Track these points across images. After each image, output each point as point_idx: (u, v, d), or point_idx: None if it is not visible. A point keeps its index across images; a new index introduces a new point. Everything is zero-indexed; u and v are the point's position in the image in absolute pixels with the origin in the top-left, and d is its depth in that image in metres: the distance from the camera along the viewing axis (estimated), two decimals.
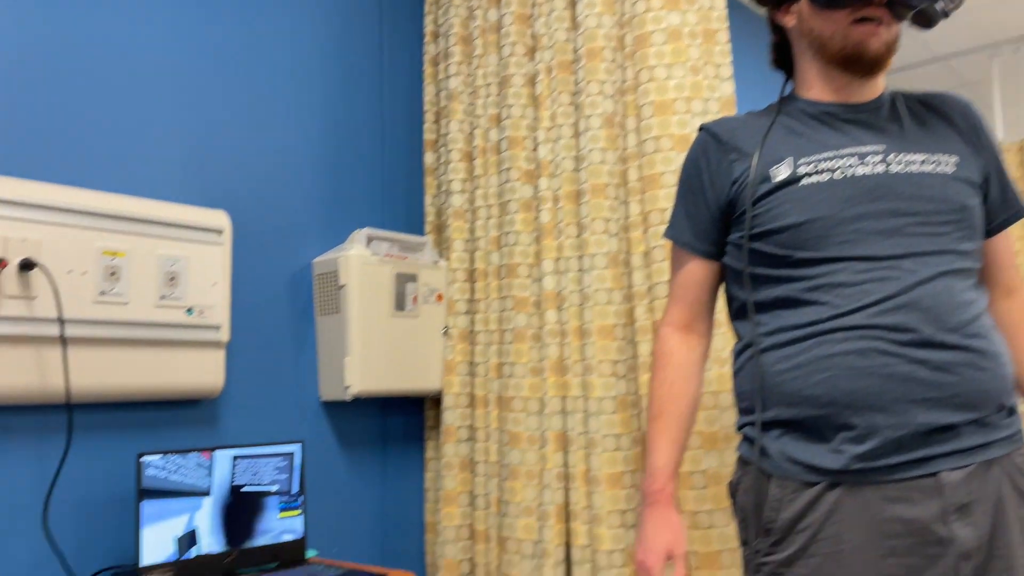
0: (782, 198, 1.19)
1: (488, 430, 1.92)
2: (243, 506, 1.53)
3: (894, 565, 1.08)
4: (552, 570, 1.70)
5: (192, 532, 1.45)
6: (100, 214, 1.48)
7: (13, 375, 1.35)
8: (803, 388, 1.13)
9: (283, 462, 1.61)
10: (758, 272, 1.21)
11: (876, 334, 1.11)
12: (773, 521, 1.15)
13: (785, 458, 1.15)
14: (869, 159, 1.18)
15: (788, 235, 1.17)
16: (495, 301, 1.95)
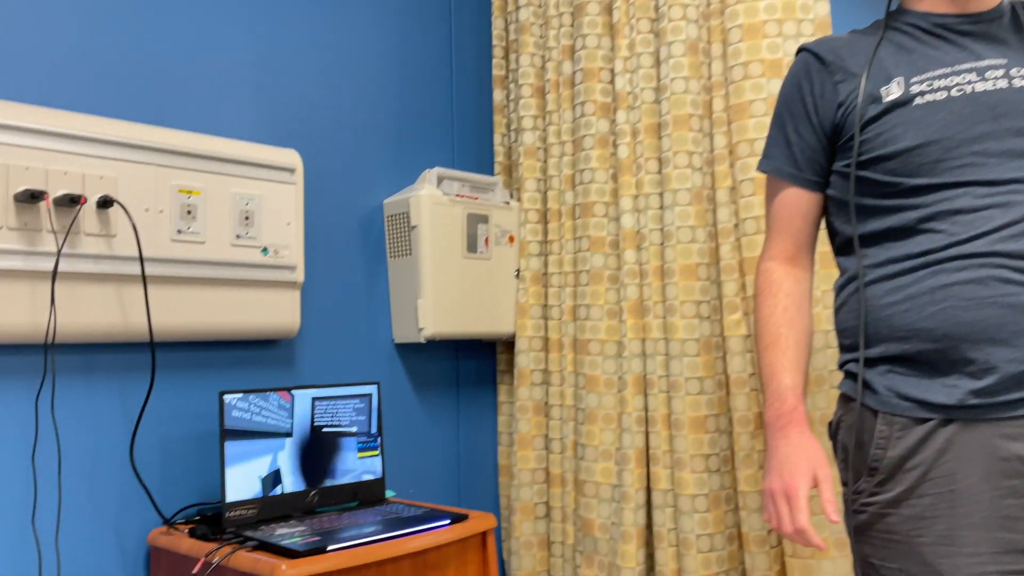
0: (893, 120, 1.10)
1: (563, 374, 1.87)
2: (323, 446, 1.52)
3: (1014, 506, 1.01)
4: (632, 514, 1.67)
5: (275, 472, 1.45)
6: (175, 152, 1.46)
7: (97, 313, 1.35)
8: (915, 321, 1.06)
9: (361, 403, 1.59)
10: (866, 203, 1.13)
11: (998, 262, 1.03)
12: (879, 460, 1.09)
13: (894, 394, 1.09)
14: (989, 74, 1.08)
15: (900, 160, 1.09)
16: (569, 242, 1.89)
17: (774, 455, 1.15)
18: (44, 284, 1.29)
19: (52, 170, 1.31)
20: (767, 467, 1.16)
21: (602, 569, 1.73)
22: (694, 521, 1.60)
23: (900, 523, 1.07)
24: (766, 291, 1.22)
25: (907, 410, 1.07)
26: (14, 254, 1.26)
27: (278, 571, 1.17)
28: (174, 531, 1.38)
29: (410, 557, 1.35)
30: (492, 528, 1.47)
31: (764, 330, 1.21)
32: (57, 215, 1.30)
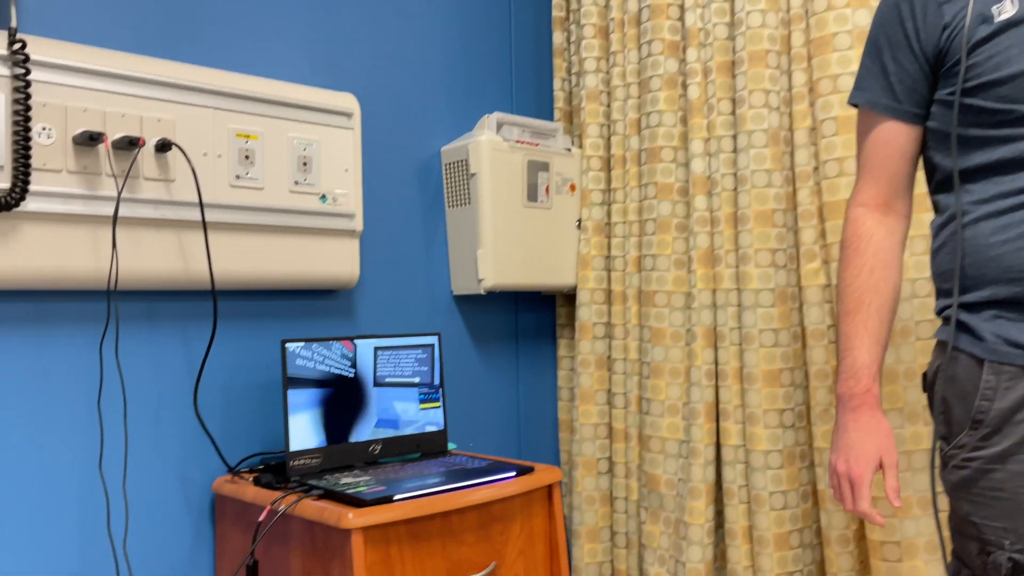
0: (1006, 42, 1.00)
1: (627, 327, 1.81)
2: (385, 397, 1.49)
3: None
4: (701, 470, 1.61)
5: (338, 423, 1.42)
6: (233, 95, 1.42)
7: (158, 260, 1.33)
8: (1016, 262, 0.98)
9: (423, 354, 1.55)
10: (971, 134, 1.04)
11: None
12: (985, 412, 1.01)
13: (1002, 340, 1.00)
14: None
15: (1012, 86, 0.99)
16: (634, 189, 1.81)
17: (843, 435, 1.11)
18: (105, 229, 1.27)
19: (110, 112, 1.28)
20: (835, 443, 1.12)
21: (668, 525, 1.68)
22: (767, 478, 1.54)
23: (1007, 479, 1.00)
24: (853, 246, 1.14)
25: (1017, 358, 0.99)
26: (75, 198, 1.23)
27: (345, 519, 1.15)
28: (239, 479, 1.37)
29: (475, 509, 1.31)
30: (558, 481, 1.43)
31: (847, 294, 1.13)
32: (116, 158, 1.28)
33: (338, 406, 1.43)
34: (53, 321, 1.27)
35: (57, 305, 1.28)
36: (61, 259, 1.23)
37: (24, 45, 1.18)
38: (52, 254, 1.22)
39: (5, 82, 1.18)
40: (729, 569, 1.60)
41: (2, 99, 1.17)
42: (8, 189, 1.17)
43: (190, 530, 1.40)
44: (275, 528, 1.28)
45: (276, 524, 1.27)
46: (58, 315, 1.28)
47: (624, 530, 1.81)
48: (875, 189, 1.14)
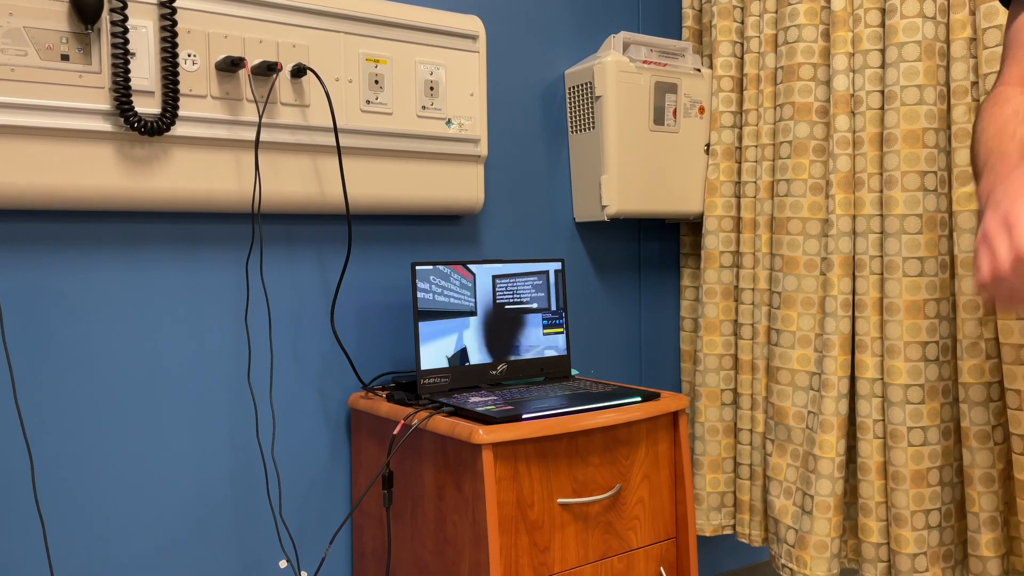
0: None
1: (757, 255, 1.75)
2: (508, 322, 1.51)
3: None
4: (834, 403, 1.56)
5: (463, 350, 1.45)
6: (362, 19, 1.43)
7: (296, 184, 1.37)
8: None
9: (543, 280, 1.56)
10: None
11: None
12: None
13: None
14: None
15: None
16: (769, 111, 1.72)
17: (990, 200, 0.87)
18: (247, 153, 1.32)
19: (248, 38, 1.31)
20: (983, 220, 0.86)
21: (795, 458, 1.64)
22: (905, 413, 1.47)
23: None
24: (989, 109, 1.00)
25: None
26: (219, 123, 1.29)
27: (476, 435, 1.18)
28: (373, 395, 1.43)
29: (601, 431, 1.32)
30: (684, 409, 1.41)
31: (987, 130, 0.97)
32: (255, 84, 1.32)
33: (464, 328, 1.46)
34: (202, 241, 1.35)
35: (206, 227, 1.35)
36: (208, 182, 1.29)
37: None
38: (200, 177, 1.28)
39: (152, 9, 1.23)
40: (861, 504, 1.55)
41: (151, 26, 1.22)
42: (159, 114, 1.23)
43: (328, 441, 1.48)
44: (408, 442, 1.33)
45: (409, 438, 1.33)
46: (207, 236, 1.35)
47: (748, 462, 1.78)
48: (1018, 70, 1.01)
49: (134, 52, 1.21)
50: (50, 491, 1.23)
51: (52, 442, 1.23)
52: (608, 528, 1.33)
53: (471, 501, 1.21)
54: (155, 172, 1.24)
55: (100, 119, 1.19)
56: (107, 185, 1.21)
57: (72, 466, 1.24)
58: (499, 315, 1.50)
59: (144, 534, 1.30)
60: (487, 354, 1.48)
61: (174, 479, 1.32)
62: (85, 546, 1.25)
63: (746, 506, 1.79)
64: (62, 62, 1.16)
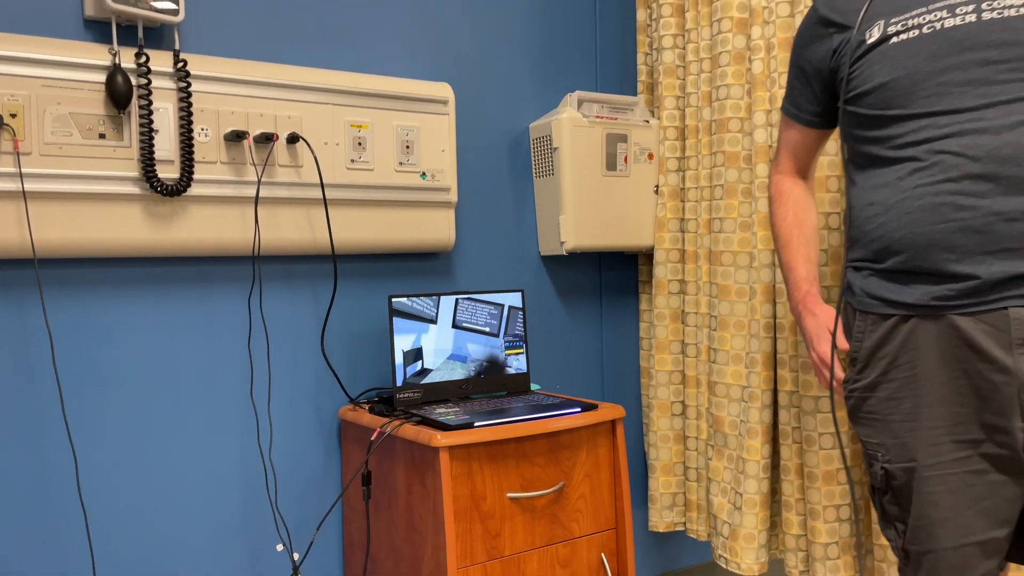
0: (873, 59, 1.23)
1: (699, 283, 1.99)
2: (475, 345, 1.76)
3: (964, 386, 1.18)
4: (758, 412, 1.79)
5: (435, 369, 1.71)
6: (347, 91, 1.70)
7: (291, 231, 1.64)
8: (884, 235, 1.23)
9: (503, 307, 1.81)
10: (854, 133, 1.29)
11: (953, 188, 1.15)
12: (857, 351, 1.29)
13: (866, 294, 1.27)
14: (959, 9, 1.16)
15: (877, 95, 1.22)
16: (706, 157, 1.97)
17: (805, 331, 1.40)
18: (250, 208, 1.60)
19: (251, 113, 1.59)
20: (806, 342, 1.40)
21: (731, 461, 1.88)
22: (817, 420, 1.70)
23: (876, 404, 1.27)
24: (778, 199, 1.47)
25: (876, 307, 1.26)
26: (226, 183, 1.57)
27: (435, 439, 1.44)
28: (358, 408, 1.69)
29: (545, 437, 1.57)
30: (620, 417, 1.65)
31: (779, 233, 1.45)
32: (256, 151, 1.59)
33: (436, 350, 1.71)
34: (213, 280, 1.62)
35: (216, 268, 1.63)
36: (218, 232, 1.57)
37: (185, 64, 1.51)
38: (211, 228, 1.56)
39: (172, 94, 1.51)
40: (783, 501, 1.78)
41: (171, 108, 1.51)
42: (178, 179, 1.51)
43: (322, 447, 1.74)
44: (384, 446, 1.59)
45: (384, 443, 1.58)
46: (216, 276, 1.63)
47: (695, 465, 2.02)
48: (788, 165, 1.48)
49: (157, 129, 1.49)
50: (91, 486, 1.50)
51: (93, 446, 1.50)
52: (553, 519, 1.58)
53: (432, 494, 1.46)
54: (175, 225, 1.53)
55: (130, 184, 1.47)
56: (136, 237, 1.49)
57: (108, 466, 1.52)
58: (467, 337, 1.76)
59: (166, 521, 1.57)
60: (458, 371, 1.74)
61: (191, 477, 1.59)
62: (119, 532, 1.52)
63: (694, 505, 2.02)
64: (99, 140, 1.45)
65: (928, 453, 1.22)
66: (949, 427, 1.20)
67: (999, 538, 1.21)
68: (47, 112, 1.40)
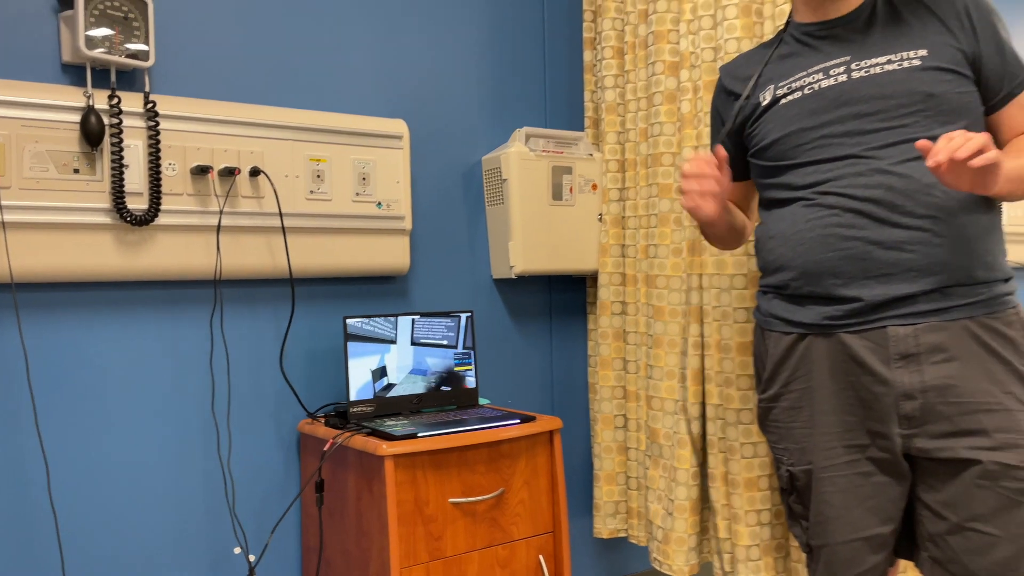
0: (767, 119, 1.41)
1: (638, 304, 2.14)
2: (426, 361, 1.90)
3: (851, 396, 1.34)
4: (687, 424, 1.93)
5: (388, 385, 1.84)
6: (307, 128, 1.85)
7: (252, 257, 1.78)
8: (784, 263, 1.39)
9: (452, 327, 1.95)
10: (760, 180, 1.48)
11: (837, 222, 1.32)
12: (763, 367, 1.46)
13: (770, 315, 1.45)
14: (832, 71, 1.34)
15: (773, 149, 1.40)
16: (643, 188, 2.13)
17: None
18: (212, 236, 1.73)
19: (216, 149, 1.73)
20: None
21: (665, 470, 2.02)
22: (738, 431, 1.85)
23: (780, 413, 1.43)
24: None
25: (779, 327, 1.43)
26: (192, 213, 1.70)
27: (380, 449, 1.57)
28: (315, 422, 1.82)
29: (486, 446, 1.70)
30: (557, 429, 1.79)
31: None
32: (220, 183, 1.73)
33: (388, 368, 1.85)
34: (178, 303, 1.76)
35: (182, 291, 1.76)
36: (183, 259, 1.70)
37: (154, 104, 1.65)
38: (177, 255, 1.69)
39: (142, 132, 1.65)
40: (711, 506, 1.92)
41: (141, 144, 1.65)
42: (146, 210, 1.65)
43: (282, 458, 1.87)
44: (336, 455, 1.72)
45: (337, 452, 1.71)
46: (182, 299, 1.76)
47: (635, 475, 2.15)
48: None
49: (128, 164, 1.63)
50: (61, 493, 1.62)
51: (64, 456, 1.62)
52: (493, 523, 1.71)
53: (378, 500, 1.59)
54: (143, 252, 1.66)
55: (102, 215, 1.61)
56: (106, 263, 1.62)
57: (78, 475, 1.64)
58: (418, 355, 1.89)
59: (131, 526, 1.69)
60: (408, 387, 1.87)
61: (156, 485, 1.71)
62: (87, 534, 1.64)
63: (635, 512, 2.16)
64: (74, 174, 1.58)
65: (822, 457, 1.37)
66: (839, 433, 1.35)
67: (884, 534, 1.36)
68: (26, 150, 1.54)
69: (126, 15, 1.62)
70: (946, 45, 1.29)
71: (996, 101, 1.32)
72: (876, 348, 1.29)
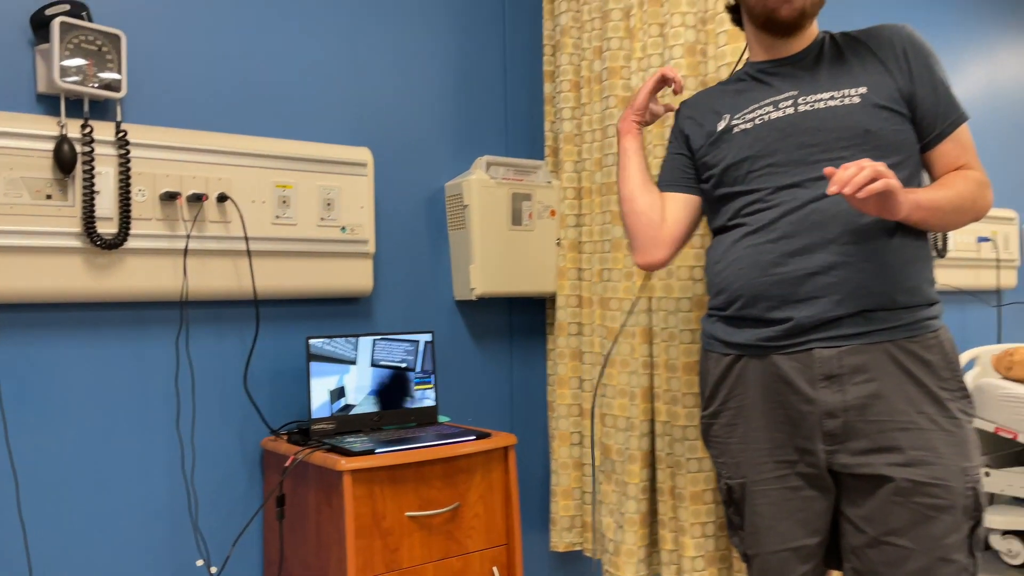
0: (719, 146, 1.51)
1: (593, 326, 2.24)
2: (387, 380, 1.98)
3: (781, 415, 1.43)
4: (637, 440, 2.02)
5: (349, 404, 1.92)
6: (274, 156, 1.93)
7: (218, 279, 1.85)
8: (725, 286, 1.48)
9: (413, 347, 2.03)
10: (710, 207, 1.58)
11: (771, 248, 1.41)
12: (705, 385, 1.55)
13: (711, 337, 1.54)
14: (782, 104, 1.44)
15: (723, 175, 1.50)
16: (598, 215, 2.23)
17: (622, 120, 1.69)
18: (180, 259, 1.80)
19: (184, 175, 1.81)
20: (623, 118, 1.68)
21: (617, 485, 2.10)
22: (684, 447, 1.94)
23: (719, 430, 1.52)
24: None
25: (718, 348, 1.52)
26: (160, 237, 1.77)
27: (339, 464, 1.64)
28: (278, 439, 1.89)
29: (442, 462, 1.78)
30: (512, 445, 1.87)
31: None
32: (188, 208, 1.81)
33: (347, 388, 1.92)
34: (146, 324, 1.82)
35: (150, 312, 1.83)
36: (152, 281, 1.77)
37: (125, 134, 1.72)
38: (145, 278, 1.76)
39: (113, 159, 1.72)
40: (659, 520, 2.01)
41: (112, 172, 1.72)
42: (116, 234, 1.72)
43: (246, 474, 1.93)
44: (297, 471, 1.79)
45: (298, 468, 1.78)
46: (151, 319, 1.83)
47: (590, 490, 2.24)
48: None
49: (99, 190, 1.70)
50: (30, 507, 1.67)
51: (33, 471, 1.68)
52: (449, 535, 1.78)
53: (337, 513, 1.66)
54: (112, 275, 1.73)
55: (73, 239, 1.68)
56: (77, 285, 1.69)
57: (47, 489, 1.69)
58: (380, 374, 1.97)
59: (98, 539, 1.74)
60: (369, 405, 1.95)
61: (122, 499, 1.77)
62: (55, 547, 1.69)
63: (589, 526, 2.24)
64: (47, 200, 1.65)
65: (755, 471, 1.46)
66: (770, 449, 1.45)
67: (811, 545, 1.45)
68: (1, 177, 1.60)
69: (100, 48, 1.69)
70: (885, 84, 1.40)
71: (930, 139, 1.42)
72: (803, 369, 1.39)
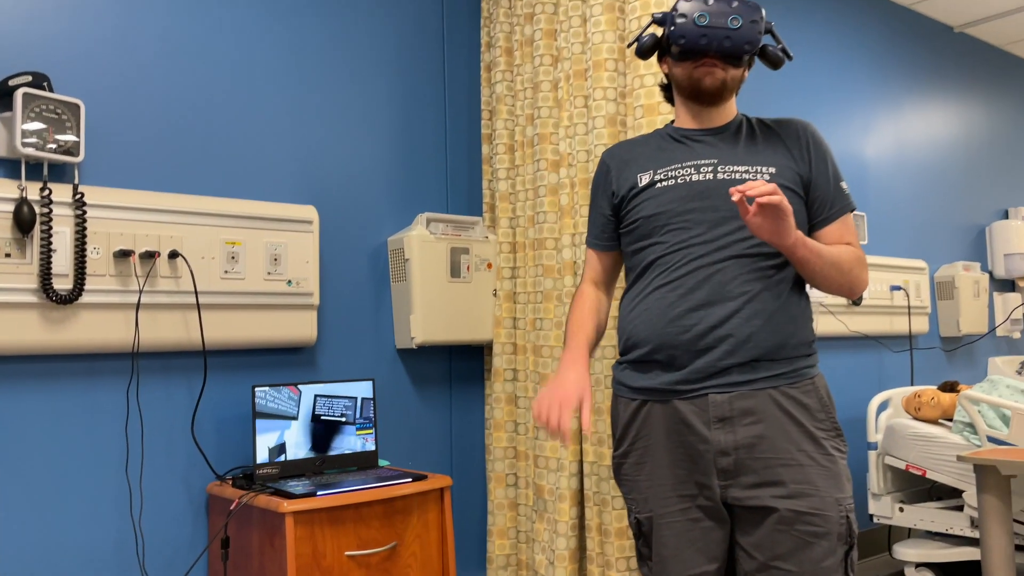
0: (642, 197, 1.65)
1: (527, 372, 2.38)
2: (328, 426, 2.09)
3: (682, 453, 1.57)
4: (567, 480, 2.16)
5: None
6: (223, 215, 2.05)
7: (168, 331, 1.96)
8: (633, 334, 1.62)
9: (354, 394, 2.15)
10: (628, 255, 1.70)
11: (671, 300, 1.56)
12: (616, 427, 1.67)
13: (620, 383, 1.67)
14: (703, 168, 1.61)
15: (641, 225, 1.63)
16: (531, 268, 2.39)
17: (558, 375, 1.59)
18: (132, 312, 1.91)
19: (138, 234, 1.92)
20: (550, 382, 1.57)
21: (549, 524, 2.23)
22: (610, 485, 2.08)
23: (629, 468, 1.64)
24: (577, 302, 1.74)
25: (627, 393, 1.65)
26: (112, 292, 1.88)
27: (281, 506, 1.74)
28: (224, 483, 1.98)
29: (381, 503, 1.89)
30: (448, 486, 1.99)
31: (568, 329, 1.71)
32: (141, 265, 1.92)
33: (288, 444, 2.03)
34: (98, 374, 1.91)
35: (102, 363, 1.92)
36: (105, 333, 1.87)
37: (83, 195, 1.84)
38: (99, 330, 1.86)
39: (70, 220, 1.83)
40: (588, 555, 2.14)
41: (68, 231, 1.83)
42: (71, 289, 1.82)
43: (191, 518, 2.01)
44: (242, 514, 1.88)
45: (243, 511, 1.87)
46: (103, 370, 1.92)
47: (525, 529, 2.36)
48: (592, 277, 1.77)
49: (56, 249, 1.81)
50: None
51: None
52: (386, 573, 1.89)
53: (279, 553, 1.76)
54: (66, 328, 1.82)
55: (30, 294, 1.77)
56: (33, 338, 1.78)
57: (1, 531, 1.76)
58: (320, 421, 2.08)
59: None
60: (311, 451, 2.05)
61: (72, 541, 1.84)
62: None
63: (524, 564, 2.35)
64: (5, 258, 1.75)
65: (660, 505, 1.61)
66: (673, 485, 1.60)
67: (711, 571, 1.60)
68: None
69: (59, 115, 1.81)
70: (789, 168, 1.60)
71: (819, 220, 1.62)
72: (700, 412, 1.55)
